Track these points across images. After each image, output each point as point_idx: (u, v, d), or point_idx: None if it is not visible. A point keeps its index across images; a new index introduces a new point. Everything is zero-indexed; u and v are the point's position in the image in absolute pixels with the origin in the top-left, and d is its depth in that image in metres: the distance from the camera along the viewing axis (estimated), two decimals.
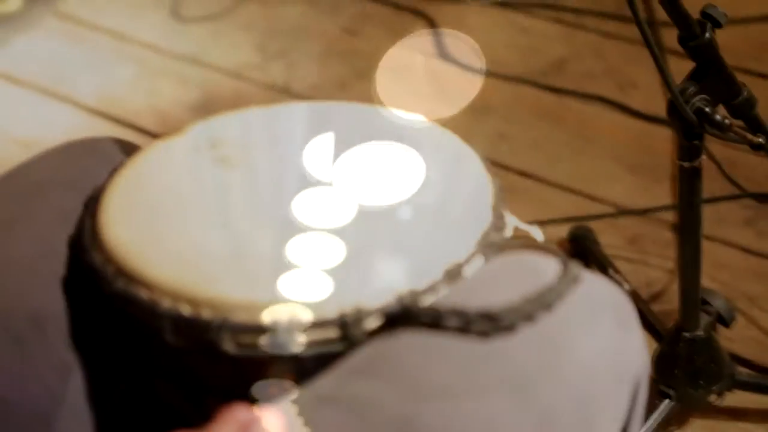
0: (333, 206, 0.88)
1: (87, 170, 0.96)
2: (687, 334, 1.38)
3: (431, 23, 2.21)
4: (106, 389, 0.82)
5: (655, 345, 1.46)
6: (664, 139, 1.86)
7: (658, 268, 1.67)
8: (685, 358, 1.40)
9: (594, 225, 1.71)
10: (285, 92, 2.09)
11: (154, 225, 0.86)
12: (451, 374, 0.76)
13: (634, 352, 0.83)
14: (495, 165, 0.95)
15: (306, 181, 0.90)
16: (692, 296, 1.36)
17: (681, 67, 1.19)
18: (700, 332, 1.38)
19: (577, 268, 0.82)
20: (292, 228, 0.85)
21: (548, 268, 0.83)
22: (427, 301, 0.80)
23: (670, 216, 1.71)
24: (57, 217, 0.89)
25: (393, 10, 2.27)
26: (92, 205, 0.89)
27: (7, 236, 0.87)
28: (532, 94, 2.03)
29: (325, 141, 0.95)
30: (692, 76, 1.19)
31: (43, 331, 0.82)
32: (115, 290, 0.80)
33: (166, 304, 0.78)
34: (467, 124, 1.96)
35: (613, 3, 2.14)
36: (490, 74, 2.06)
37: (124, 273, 0.81)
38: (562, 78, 2.05)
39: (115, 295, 0.80)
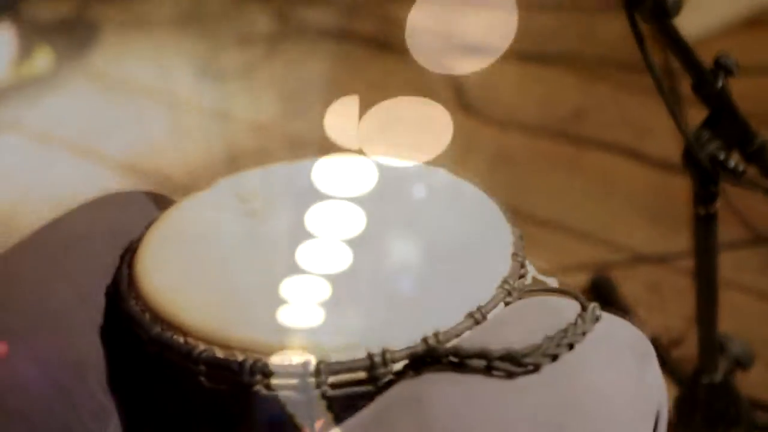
0: (358, 253, 0.91)
1: (122, 222, 0.99)
2: (706, 379, 1.40)
3: (453, 77, 2.26)
4: None
5: (675, 390, 1.48)
6: (681, 187, 1.88)
7: (677, 314, 1.69)
8: (704, 403, 1.42)
9: (614, 273, 1.73)
10: (310, 146, 2.13)
11: (188, 273, 0.90)
12: (476, 415, 0.79)
13: (653, 388, 0.85)
14: (515, 214, 0.98)
15: (331, 230, 0.94)
16: (710, 341, 1.38)
17: (700, 115, 1.23)
18: (718, 377, 1.40)
19: (596, 308, 0.85)
20: (319, 274, 0.88)
21: (568, 309, 0.87)
22: (451, 343, 0.83)
23: (688, 263, 1.74)
24: (94, 268, 0.93)
25: (417, 65, 2.32)
26: (129, 256, 0.92)
27: (46, 288, 0.91)
28: (551, 143, 2.07)
29: (349, 192, 0.99)
30: (706, 123, 1.22)
31: (84, 379, 0.86)
32: (152, 336, 0.84)
33: (200, 347, 0.82)
34: (488, 173, 1.99)
35: (628, 52, 2.18)
36: (509, 125, 2.10)
37: (160, 319, 0.85)
38: (579, 127, 2.09)
39: (152, 340, 0.84)
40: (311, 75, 2.34)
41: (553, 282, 0.98)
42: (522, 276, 0.93)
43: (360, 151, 1.06)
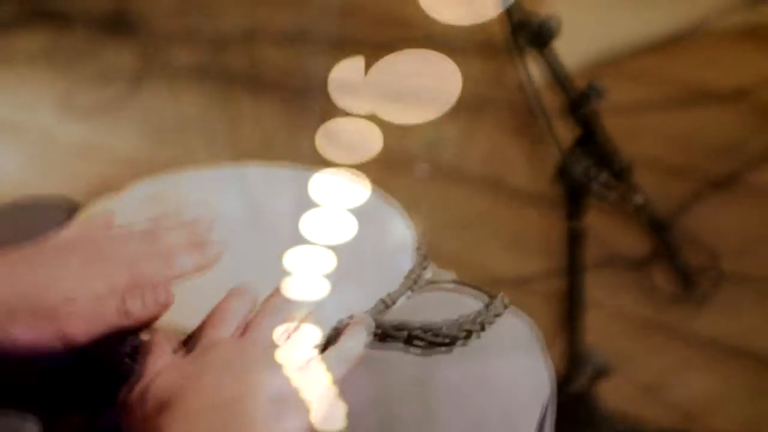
0: (272, 255, 0.97)
1: (31, 227, 1.01)
2: (568, 389, 1.50)
3: (326, 118, 2.33)
4: None
5: None
6: (534, 217, 2.01)
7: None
8: (566, 412, 1.50)
9: None
10: None
11: None
12: (395, 384, 0.85)
13: (544, 375, 0.93)
14: None
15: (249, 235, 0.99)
16: (576, 352, 1.48)
17: None
18: (580, 387, 1.50)
19: (503, 296, 0.93)
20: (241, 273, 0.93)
21: (473, 297, 0.94)
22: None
23: (542, 285, 1.84)
24: None
25: (281, 100, 2.39)
26: None
27: None
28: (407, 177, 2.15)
29: (262, 200, 1.05)
30: (579, 142, 1.33)
31: None
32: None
33: None
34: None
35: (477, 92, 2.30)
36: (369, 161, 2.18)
37: None
38: (440, 160, 2.18)
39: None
40: (175, 111, 2.37)
41: (451, 275, 1.06)
42: (425, 268, 1.00)
43: None
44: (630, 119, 2.02)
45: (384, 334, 0.87)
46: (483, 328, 0.90)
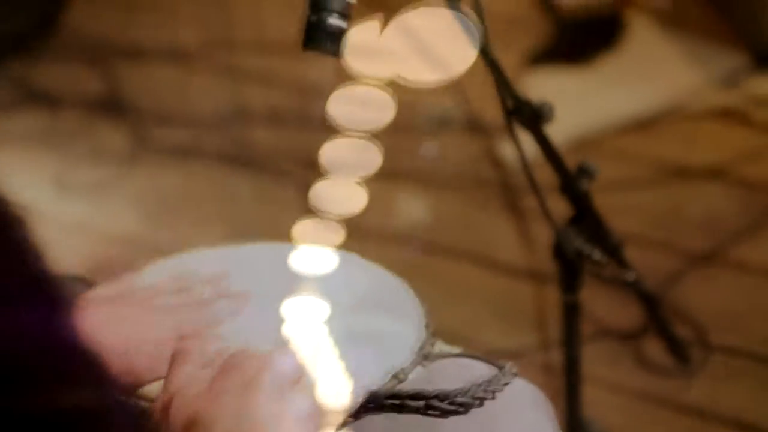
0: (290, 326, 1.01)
1: None
2: None
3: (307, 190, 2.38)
4: None
5: None
6: (525, 291, 2.05)
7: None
8: None
9: None
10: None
11: None
12: None
13: None
14: None
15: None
16: (575, 422, 1.52)
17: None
18: None
19: (512, 366, 0.97)
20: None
21: (481, 368, 0.98)
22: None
23: (537, 357, 1.88)
24: None
25: (268, 177, 2.44)
26: None
27: None
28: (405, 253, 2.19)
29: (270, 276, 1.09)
30: (572, 221, 1.37)
31: None
32: None
33: None
34: None
35: (474, 172, 2.35)
36: (370, 237, 2.23)
37: None
38: (433, 238, 2.22)
39: None
40: (167, 189, 2.41)
41: (458, 350, 1.10)
42: (433, 344, 1.04)
43: None
44: (612, 196, 2.08)
45: (402, 405, 0.91)
46: (494, 396, 0.94)
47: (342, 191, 2.35)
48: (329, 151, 2.45)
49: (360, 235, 2.21)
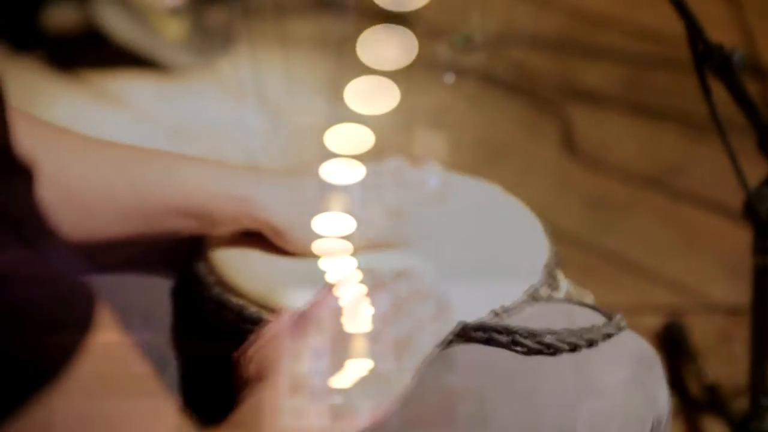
0: (412, 249, 1.02)
1: None
2: (754, 426, 1.46)
3: (565, 120, 2.34)
4: (192, 383, 0.96)
5: None
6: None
7: (745, 367, 1.73)
8: None
9: (688, 320, 1.79)
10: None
11: (251, 248, 1.01)
12: (493, 380, 0.90)
13: (653, 399, 0.93)
14: (602, 254, 1.06)
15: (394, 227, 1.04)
16: (760, 390, 1.44)
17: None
18: (764, 426, 1.46)
19: (621, 319, 0.94)
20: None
21: (587, 317, 0.95)
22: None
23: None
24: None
25: (531, 105, 2.42)
26: None
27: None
28: (649, 193, 2.13)
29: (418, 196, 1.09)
30: None
31: (150, 328, 0.98)
32: (212, 295, 0.96)
33: (251, 309, 0.94)
34: (582, 212, 2.08)
35: (734, 116, 2.23)
36: (611, 170, 2.18)
37: (220, 282, 0.97)
38: (679, 182, 2.15)
39: (211, 299, 0.96)
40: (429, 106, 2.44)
41: (588, 297, 1.07)
42: (552, 286, 1.02)
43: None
44: None
45: (489, 338, 0.91)
46: (590, 344, 0.92)
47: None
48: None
49: (601, 166, 2.19)
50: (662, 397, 0.95)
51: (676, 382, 1.72)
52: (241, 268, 0.98)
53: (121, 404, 0.57)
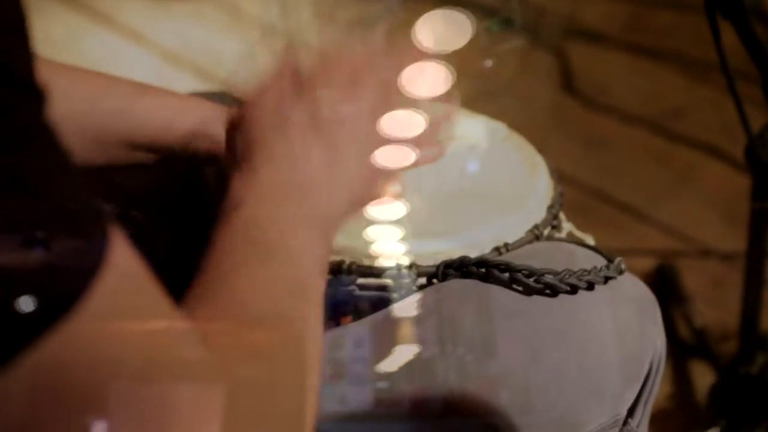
0: (426, 184, 1.01)
1: None
2: (743, 370, 1.47)
3: (564, 58, 2.33)
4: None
5: (713, 379, 1.55)
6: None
7: (734, 311, 1.74)
8: (736, 393, 1.48)
9: (680, 263, 1.80)
10: None
11: None
12: (490, 321, 0.89)
13: (649, 340, 0.93)
14: (596, 194, 1.05)
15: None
16: (751, 334, 1.44)
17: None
18: (755, 369, 1.46)
19: (621, 261, 0.93)
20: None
21: (588, 258, 0.95)
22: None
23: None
24: None
25: (529, 42, 2.39)
26: None
27: None
28: (647, 135, 2.13)
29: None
30: None
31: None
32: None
33: None
34: (579, 153, 2.07)
35: (738, 60, 2.22)
36: (609, 111, 2.17)
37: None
38: (677, 125, 2.14)
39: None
40: None
41: (588, 239, 1.06)
42: (554, 227, 1.01)
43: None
44: None
45: (487, 273, 0.90)
46: (589, 286, 0.91)
47: None
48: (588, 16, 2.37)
49: (599, 106, 2.17)
50: (660, 341, 0.95)
51: (666, 325, 1.72)
52: None
53: (137, 332, 0.56)
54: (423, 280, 0.92)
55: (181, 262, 0.79)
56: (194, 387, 0.57)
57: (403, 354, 0.88)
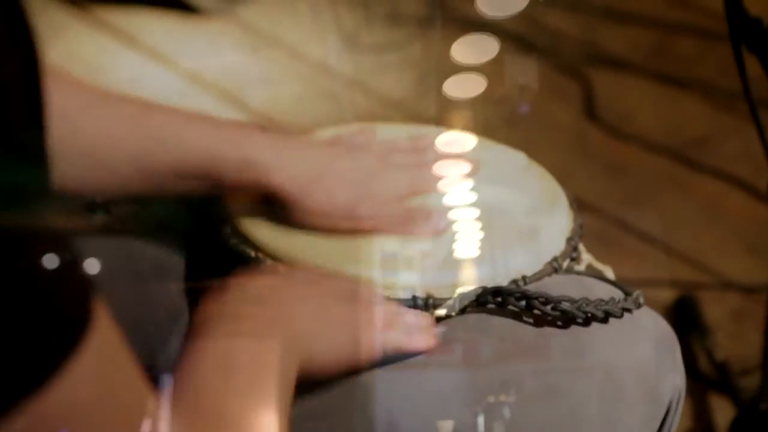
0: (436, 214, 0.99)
1: None
2: (763, 406, 1.44)
3: (587, 85, 2.31)
4: None
5: (733, 413, 1.52)
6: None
7: (756, 345, 1.72)
8: (757, 429, 1.46)
9: (701, 295, 1.78)
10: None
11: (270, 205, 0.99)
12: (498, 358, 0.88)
13: (668, 379, 0.91)
14: (618, 223, 1.04)
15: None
16: None
17: None
18: None
19: (640, 295, 0.92)
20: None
21: (606, 291, 0.93)
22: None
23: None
24: None
25: (552, 68, 2.38)
26: None
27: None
28: (670, 164, 2.11)
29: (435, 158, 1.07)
30: None
31: (163, 278, 0.96)
32: (229, 246, 0.94)
33: (267, 262, 0.92)
34: (602, 181, 2.05)
35: (763, 89, 2.20)
36: (632, 139, 2.15)
37: (238, 233, 0.95)
38: (701, 154, 2.12)
39: (229, 250, 0.94)
40: (448, 59, 2.41)
41: (608, 271, 1.04)
42: (573, 259, 1.00)
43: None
44: None
45: (503, 302, 0.89)
46: (605, 318, 0.89)
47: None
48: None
49: (621, 134, 2.16)
50: (679, 378, 0.93)
51: (686, 358, 1.70)
52: (258, 221, 0.96)
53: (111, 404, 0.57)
54: (441, 312, 0.91)
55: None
56: None
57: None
